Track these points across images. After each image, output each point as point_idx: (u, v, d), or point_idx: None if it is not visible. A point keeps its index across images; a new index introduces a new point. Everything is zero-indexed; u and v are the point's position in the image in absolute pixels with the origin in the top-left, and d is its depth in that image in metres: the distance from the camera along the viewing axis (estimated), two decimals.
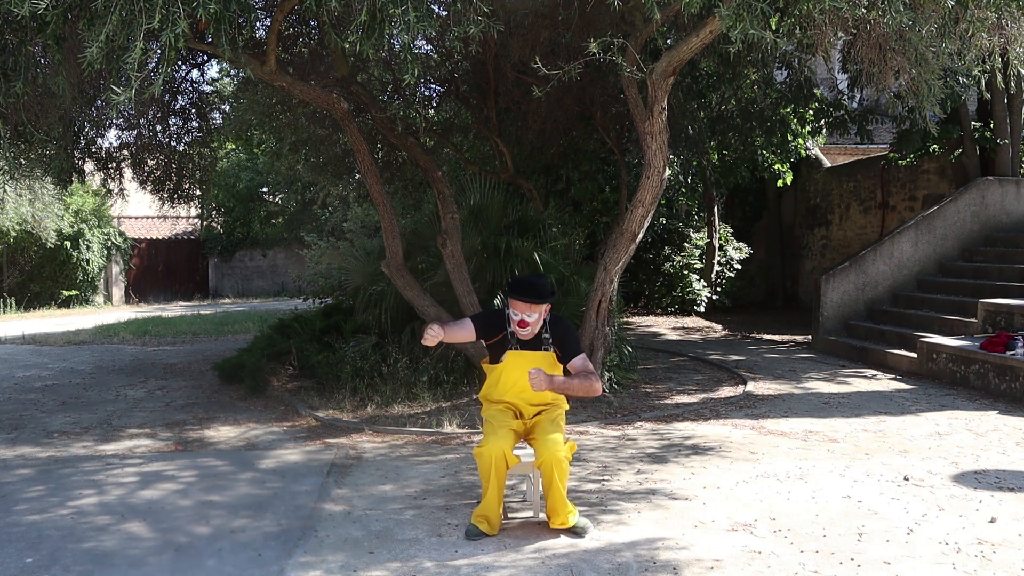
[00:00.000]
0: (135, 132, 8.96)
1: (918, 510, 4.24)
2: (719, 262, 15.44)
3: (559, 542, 3.84)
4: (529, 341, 4.02)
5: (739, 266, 15.74)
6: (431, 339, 3.78)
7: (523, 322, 3.94)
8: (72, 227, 20.06)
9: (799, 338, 11.53)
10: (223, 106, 10.31)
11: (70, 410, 7.29)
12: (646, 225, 6.57)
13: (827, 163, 16.29)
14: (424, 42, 8.48)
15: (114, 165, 9.26)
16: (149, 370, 9.61)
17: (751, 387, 7.75)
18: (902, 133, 11.77)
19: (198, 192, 10.74)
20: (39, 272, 20.16)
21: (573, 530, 3.90)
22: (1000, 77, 7.20)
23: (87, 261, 20.43)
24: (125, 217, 24.25)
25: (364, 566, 3.60)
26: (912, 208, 13.21)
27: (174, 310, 19.61)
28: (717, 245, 15.24)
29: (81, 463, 5.44)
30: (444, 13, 5.82)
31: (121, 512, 4.39)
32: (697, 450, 5.53)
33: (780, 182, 15.01)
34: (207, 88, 10.05)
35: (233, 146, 22.81)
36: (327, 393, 7.42)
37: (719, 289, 15.53)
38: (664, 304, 15.27)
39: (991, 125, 11.27)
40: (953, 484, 4.69)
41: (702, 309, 15.13)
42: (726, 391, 7.69)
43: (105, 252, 21.30)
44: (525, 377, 3.85)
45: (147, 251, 23.91)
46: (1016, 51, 5.27)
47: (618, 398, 7.26)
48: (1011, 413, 6.54)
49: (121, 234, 22.05)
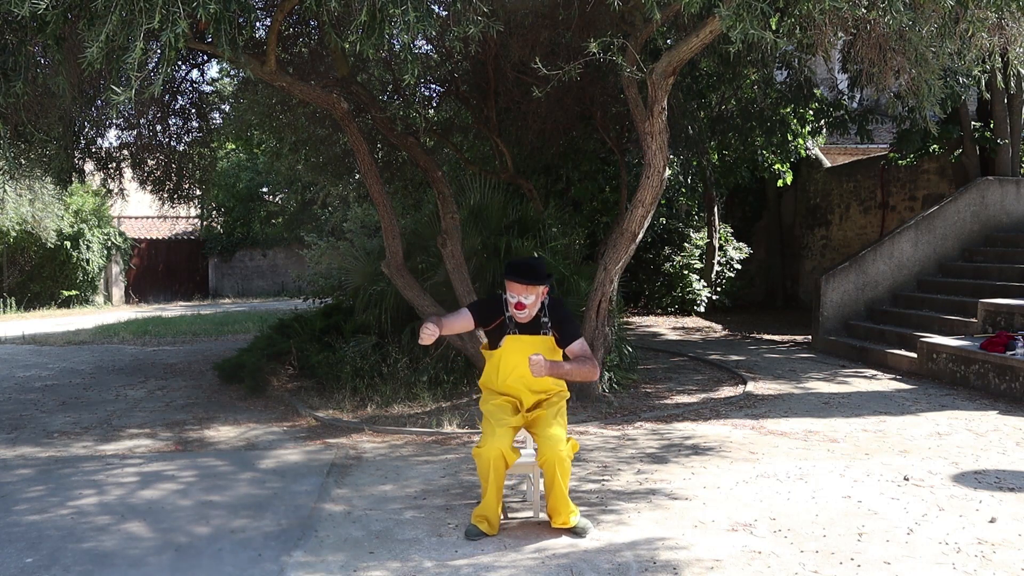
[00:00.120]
0: (135, 132, 8.96)
1: (918, 510, 4.24)
2: (719, 262, 15.44)
3: (559, 542, 3.84)
4: (528, 325, 3.98)
5: (739, 266, 15.74)
6: (428, 337, 3.73)
7: (520, 304, 3.90)
8: (72, 227, 20.07)
9: (799, 338, 11.53)
10: (223, 106, 10.31)
11: (70, 410, 7.29)
12: (646, 225, 6.57)
13: (827, 163, 16.28)
14: (424, 42, 8.48)
15: (114, 165, 9.27)
16: (149, 370, 9.61)
17: (751, 387, 7.75)
18: (902, 133, 11.77)
19: (198, 192, 10.74)
20: (39, 272, 20.16)
21: (574, 530, 3.90)
22: (1000, 77, 7.20)
23: (87, 261, 20.43)
24: (125, 217, 24.25)
25: (364, 566, 3.60)
26: (912, 208, 13.21)
27: (174, 310, 19.61)
28: (717, 245, 15.24)
29: (81, 463, 5.44)
30: (444, 13, 5.82)
31: (121, 512, 4.39)
32: (697, 450, 5.53)
33: (780, 182, 15.02)
34: (207, 88, 10.06)
35: (233, 146, 22.81)
36: (327, 393, 7.42)
37: (719, 289, 15.53)
38: (664, 304, 15.27)
39: (991, 125, 11.27)
40: (953, 484, 4.69)
41: (702, 309, 15.13)
42: (726, 391, 7.69)
43: (105, 252, 21.29)
44: (525, 362, 3.81)
45: (147, 251, 23.91)
46: (1016, 51, 5.27)
47: (618, 398, 7.26)
48: (1011, 413, 6.54)
49: (121, 234, 22.05)
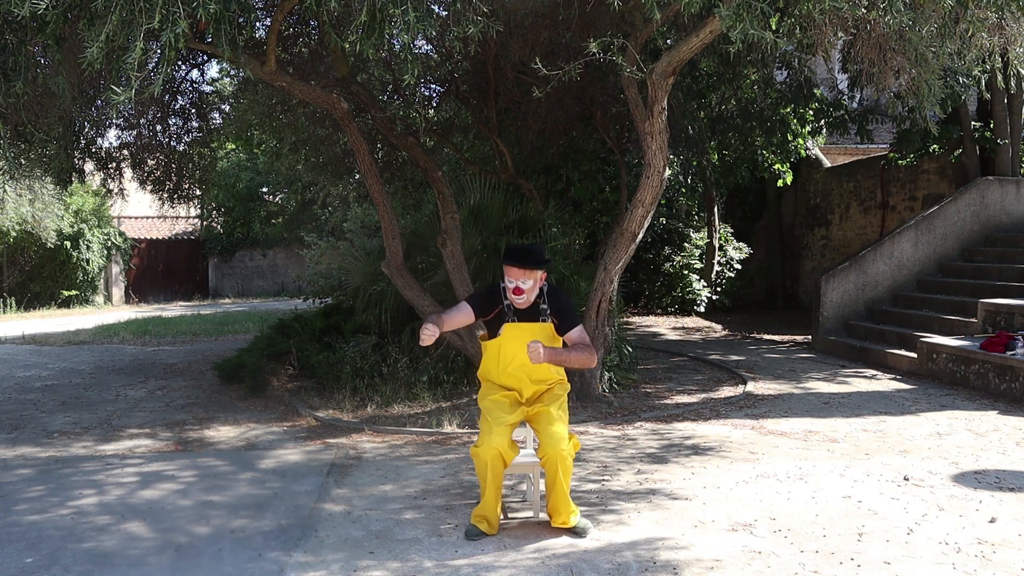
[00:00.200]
0: (135, 132, 8.96)
1: (918, 510, 4.24)
2: (719, 262, 15.44)
3: (559, 542, 3.84)
4: (527, 312, 3.94)
5: (739, 266, 15.74)
6: (428, 338, 3.67)
7: (518, 289, 3.86)
8: (72, 227, 20.07)
9: (799, 338, 11.53)
10: (223, 106, 10.30)
11: (70, 410, 7.29)
12: (646, 225, 6.57)
13: (827, 163, 16.28)
14: (424, 42, 8.48)
15: (114, 165, 9.26)
16: (149, 370, 9.61)
17: (751, 387, 7.75)
18: (902, 133, 11.76)
19: (198, 192, 10.74)
20: (39, 272, 20.16)
21: (574, 530, 3.90)
22: (1000, 77, 7.21)
23: (87, 261, 20.43)
24: (125, 217, 24.26)
25: (364, 566, 3.60)
26: (912, 208, 13.21)
27: (174, 310, 19.61)
28: (717, 245, 15.24)
29: (81, 463, 5.44)
30: (444, 13, 5.82)
31: (121, 512, 4.39)
32: (697, 450, 5.53)
33: (780, 182, 15.01)
34: (207, 88, 10.06)
35: (233, 146, 22.81)
36: (327, 393, 7.42)
37: (719, 289, 15.53)
38: (664, 304, 15.27)
39: (991, 125, 11.27)
40: (953, 484, 4.69)
41: (702, 309, 15.13)
42: (726, 391, 7.69)
43: (105, 252, 21.29)
44: (525, 350, 3.78)
45: (147, 251, 23.91)
46: (1016, 51, 5.27)
47: (618, 398, 7.26)
48: (1011, 413, 6.54)
49: (121, 234, 22.05)
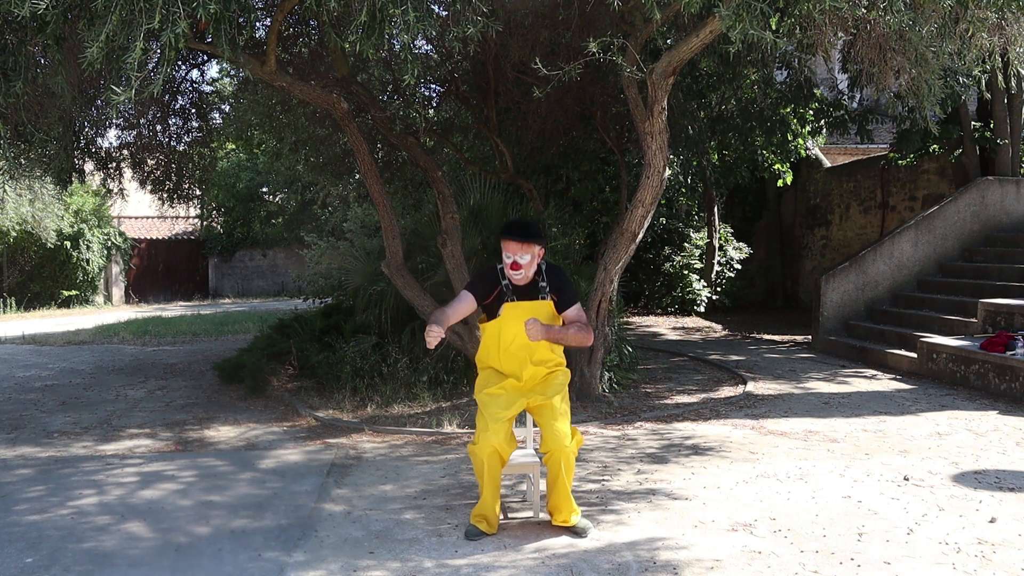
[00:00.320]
0: (135, 132, 8.97)
1: (918, 510, 4.24)
2: (719, 262, 15.44)
3: (559, 542, 3.84)
4: (526, 290, 3.90)
5: (739, 266, 15.74)
6: (433, 339, 3.61)
7: (516, 264, 3.82)
8: (72, 227, 20.07)
9: (799, 338, 11.53)
10: (223, 106, 10.31)
11: (70, 410, 7.29)
12: (646, 225, 6.57)
13: (827, 163, 16.28)
14: (424, 42, 8.48)
15: (114, 165, 9.27)
16: (149, 370, 9.61)
17: (751, 387, 7.75)
18: (902, 133, 11.76)
19: (198, 192, 10.74)
20: (39, 272, 20.16)
21: (574, 530, 3.90)
22: (1000, 77, 7.22)
23: (87, 261, 20.43)
24: (125, 217, 24.26)
25: (364, 566, 3.60)
26: (912, 208, 13.21)
27: (174, 310, 19.61)
28: (717, 245, 15.24)
29: (81, 463, 5.44)
30: (444, 13, 5.81)
31: (121, 512, 4.39)
32: (697, 450, 5.53)
33: (780, 182, 15.01)
34: (207, 88, 10.06)
35: (233, 146, 22.82)
36: (327, 393, 7.42)
37: (719, 289, 15.53)
38: (664, 304, 15.27)
39: (991, 125, 11.27)
40: (953, 484, 4.69)
41: (702, 309, 15.13)
42: (726, 391, 7.69)
43: (105, 252, 21.29)
44: (524, 329, 3.75)
45: (147, 251, 23.91)
46: (1016, 51, 5.28)
47: (618, 398, 7.26)
48: (1011, 413, 6.54)
49: (121, 234, 22.05)
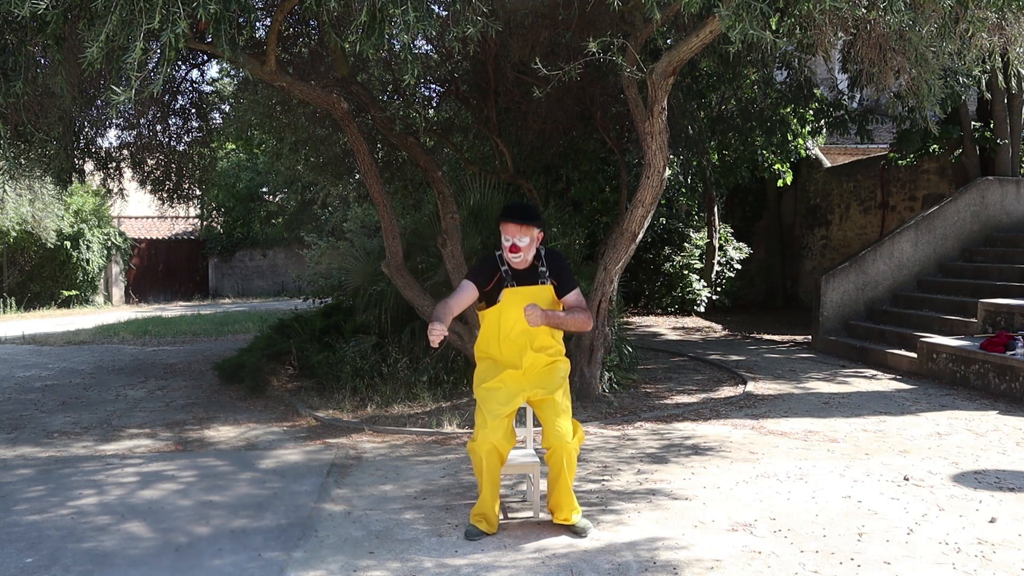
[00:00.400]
0: (135, 132, 8.97)
1: (918, 510, 4.24)
2: (719, 262, 15.44)
3: (559, 542, 3.84)
4: (525, 276, 3.88)
5: (739, 266, 15.74)
6: (436, 337, 3.56)
7: (514, 247, 3.80)
8: (72, 227, 20.06)
9: (799, 338, 11.53)
10: (223, 106, 10.30)
11: (70, 410, 7.29)
12: (646, 225, 6.57)
13: (827, 163, 16.28)
14: (424, 42, 8.48)
15: (114, 165, 9.27)
16: (149, 370, 9.61)
17: (751, 387, 7.75)
18: (902, 133, 11.76)
19: (198, 192, 10.74)
20: (39, 272, 20.16)
21: (573, 529, 3.90)
22: (1000, 77, 7.22)
23: (87, 261, 20.43)
24: (125, 217, 24.26)
25: (364, 566, 3.60)
26: (912, 208, 13.21)
27: (174, 310, 19.61)
28: (717, 245, 15.24)
29: (81, 463, 5.44)
30: (444, 13, 5.81)
31: (121, 512, 4.39)
32: (697, 450, 5.53)
33: (780, 182, 15.01)
34: (207, 88, 10.06)
35: (233, 146, 22.81)
36: (327, 393, 7.42)
37: (719, 289, 15.53)
38: (664, 304, 15.27)
39: (991, 125, 11.27)
40: (953, 484, 4.69)
41: (702, 309, 15.13)
42: (726, 391, 7.69)
43: (105, 252, 21.29)
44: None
45: (147, 251, 23.91)
46: (1016, 51, 5.28)
47: (618, 398, 7.26)
48: (1011, 413, 6.54)
49: (121, 234, 22.05)
